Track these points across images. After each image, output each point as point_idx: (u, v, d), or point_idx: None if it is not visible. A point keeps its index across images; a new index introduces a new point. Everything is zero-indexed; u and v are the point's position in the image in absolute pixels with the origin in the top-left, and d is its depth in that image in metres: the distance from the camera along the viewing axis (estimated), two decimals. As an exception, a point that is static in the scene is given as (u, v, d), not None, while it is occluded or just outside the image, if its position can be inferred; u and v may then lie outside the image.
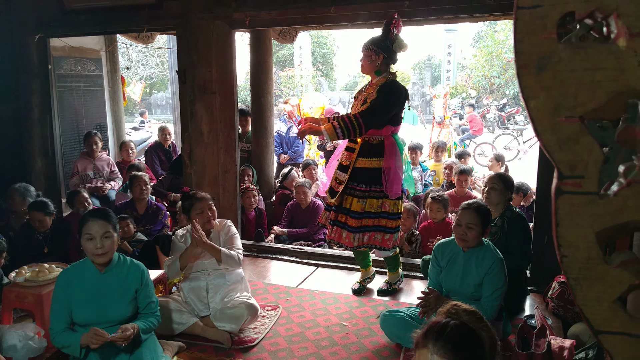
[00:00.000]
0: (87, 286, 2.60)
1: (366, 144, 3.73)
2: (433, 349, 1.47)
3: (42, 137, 5.43)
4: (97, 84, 6.83)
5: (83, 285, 2.60)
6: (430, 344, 1.48)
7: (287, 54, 24.25)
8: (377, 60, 3.66)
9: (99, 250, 2.56)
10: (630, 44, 0.76)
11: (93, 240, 2.55)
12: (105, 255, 2.59)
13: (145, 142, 9.69)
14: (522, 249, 3.58)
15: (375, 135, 3.69)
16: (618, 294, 0.87)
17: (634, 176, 0.81)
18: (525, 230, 3.65)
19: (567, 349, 2.93)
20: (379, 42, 3.65)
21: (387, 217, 3.74)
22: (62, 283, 2.62)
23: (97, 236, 2.55)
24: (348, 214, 3.75)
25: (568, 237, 0.86)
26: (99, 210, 2.73)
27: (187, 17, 4.53)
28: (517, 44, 0.79)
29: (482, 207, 3.03)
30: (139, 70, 20.87)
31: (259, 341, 3.31)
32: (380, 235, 3.75)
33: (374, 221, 3.75)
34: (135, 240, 4.50)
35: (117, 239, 2.65)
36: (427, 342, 1.50)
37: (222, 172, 4.74)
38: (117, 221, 2.69)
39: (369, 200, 3.73)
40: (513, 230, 3.57)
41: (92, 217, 2.60)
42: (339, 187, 3.79)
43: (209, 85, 4.57)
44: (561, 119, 0.80)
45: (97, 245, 2.55)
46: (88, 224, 2.57)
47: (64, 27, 5.12)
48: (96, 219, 2.58)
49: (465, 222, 2.97)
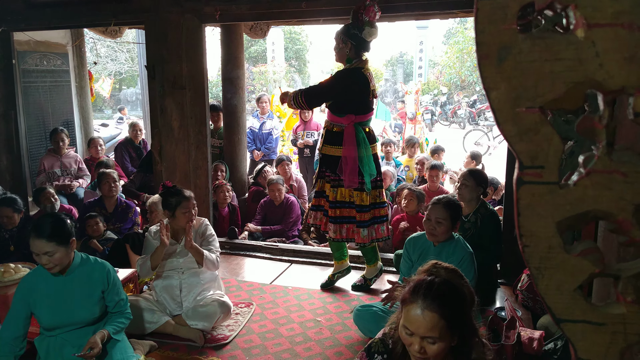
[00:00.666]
0: (49, 290, 2.52)
1: (329, 132, 3.80)
2: (423, 304, 1.56)
3: (6, 133, 5.28)
4: (63, 80, 6.67)
5: (46, 289, 2.52)
6: (420, 299, 1.57)
7: (260, 49, 24.11)
8: (346, 48, 3.67)
9: (47, 266, 2.46)
10: (588, 35, 0.77)
11: (39, 257, 2.44)
12: (56, 267, 2.48)
13: (114, 139, 9.51)
14: (493, 247, 3.63)
15: (337, 122, 3.75)
16: (579, 282, 0.89)
17: (592, 166, 0.83)
18: (498, 228, 3.71)
19: (536, 340, 2.99)
20: (347, 30, 3.65)
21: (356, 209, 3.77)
22: (24, 289, 2.53)
23: (41, 254, 2.43)
24: (327, 199, 3.86)
25: (529, 226, 0.87)
26: (46, 225, 2.45)
27: (155, 11, 4.45)
28: (478, 34, 0.79)
29: (452, 202, 3.07)
30: (108, 66, 20.47)
31: (232, 339, 3.29)
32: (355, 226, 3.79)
33: (349, 212, 3.78)
34: (105, 238, 4.42)
35: (70, 247, 2.50)
36: (415, 298, 1.59)
37: (194, 169, 4.69)
38: (68, 231, 2.49)
39: (340, 189, 3.77)
40: (486, 228, 3.63)
41: (35, 233, 2.42)
42: None
43: (179, 80, 4.51)
44: (522, 110, 0.81)
45: (43, 262, 2.45)
46: (30, 241, 2.43)
47: (28, 20, 4.99)
48: (36, 237, 2.41)
49: (435, 216, 3.01)
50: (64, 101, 6.69)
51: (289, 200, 5.30)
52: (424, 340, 1.56)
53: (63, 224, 2.50)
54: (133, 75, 22.35)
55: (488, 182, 3.87)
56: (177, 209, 3.31)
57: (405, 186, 5.09)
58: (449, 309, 1.55)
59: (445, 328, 1.55)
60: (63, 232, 2.47)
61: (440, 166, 5.46)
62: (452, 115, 19.13)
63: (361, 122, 3.76)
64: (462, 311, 1.60)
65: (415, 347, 1.58)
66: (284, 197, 5.30)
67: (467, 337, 1.62)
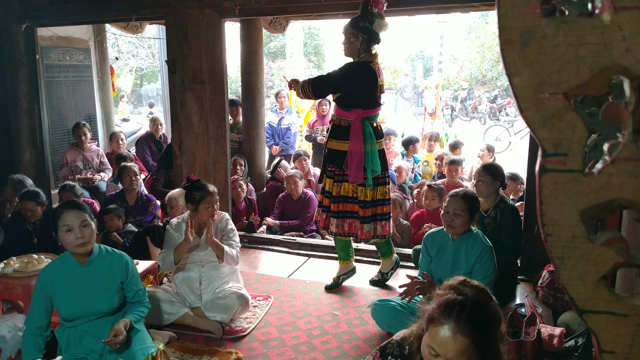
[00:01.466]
0: (69, 281, 2.56)
1: (336, 126, 3.72)
2: (455, 327, 1.47)
3: (30, 127, 5.38)
4: (85, 75, 6.76)
5: (65, 281, 2.55)
6: (453, 322, 1.48)
7: (279, 45, 24.13)
8: (357, 42, 3.59)
9: (80, 240, 2.49)
10: (614, 19, 0.75)
11: (72, 232, 2.48)
12: (87, 244, 2.53)
13: (135, 134, 9.62)
14: (512, 241, 3.59)
15: (344, 117, 3.67)
16: (602, 272, 0.87)
17: (618, 153, 0.81)
18: (517, 222, 3.66)
19: (557, 337, 2.95)
20: (357, 24, 3.57)
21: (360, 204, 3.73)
22: (43, 281, 2.56)
23: (75, 226, 2.48)
24: (330, 197, 3.78)
25: (552, 215, 0.85)
26: (70, 201, 2.66)
27: (176, 6, 4.48)
28: (500, 18, 0.78)
29: (469, 194, 3.04)
30: (129, 62, 20.69)
31: (250, 331, 3.31)
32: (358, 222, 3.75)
33: (352, 207, 3.74)
34: (125, 231, 4.47)
35: (95, 228, 2.58)
36: (446, 319, 1.49)
37: (213, 163, 4.72)
38: (91, 211, 2.61)
39: (343, 185, 3.72)
40: (505, 222, 3.59)
41: (66, 208, 2.52)
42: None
43: (198, 75, 4.53)
44: (545, 96, 0.79)
45: (77, 235, 2.48)
46: (63, 216, 2.49)
47: (51, 16, 5.06)
48: (70, 209, 2.51)
49: (453, 208, 2.99)
50: (86, 96, 6.78)
51: (307, 195, 5.30)
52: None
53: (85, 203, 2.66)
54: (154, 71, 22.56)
55: (504, 174, 3.81)
56: (200, 204, 3.33)
57: (423, 182, 5.06)
58: (480, 334, 1.47)
59: (475, 353, 1.48)
60: (88, 208, 2.59)
61: (459, 161, 5.42)
62: (473, 111, 18.92)
63: (369, 117, 3.69)
64: (493, 335, 1.53)
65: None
66: (302, 191, 5.31)
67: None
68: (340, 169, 3.71)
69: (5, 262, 3.34)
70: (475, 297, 1.55)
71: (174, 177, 5.00)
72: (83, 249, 2.53)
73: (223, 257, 3.36)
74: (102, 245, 2.71)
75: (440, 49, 24.72)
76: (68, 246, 2.53)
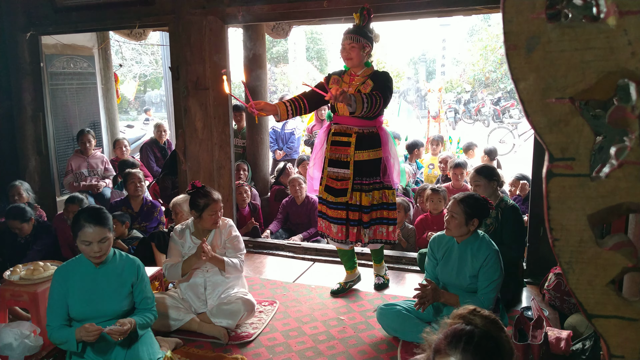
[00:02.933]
0: (82, 281, 2.59)
1: (361, 136, 3.61)
2: (462, 358, 1.39)
3: (35, 135, 5.40)
4: (90, 82, 6.79)
5: (79, 281, 2.59)
6: (459, 354, 1.40)
7: (282, 50, 24.21)
8: (370, 51, 3.62)
9: (97, 254, 2.53)
10: (619, 23, 0.75)
11: (90, 246, 2.51)
12: (103, 256, 2.58)
13: (139, 140, 9.65)
14: (515, 240, 3.59)
15: (368, 126, 3.62)
16: (611, 277, 0.87)
17: (625, 157, 0.81)
18: (519, 221, 3.65)
19: (564, 340, 2.94)
20: (366, 33, 3.58)
21: (387, 209, 3.72)
22: (59, 278, 2.60)
23: (94, 241, 2.50)
24: (361, 210, 3.68)
25: (560, 220, 0.85)
26: (94, 214, 2.56)
27: (179, 13, 4.50)
28: (505, 24, 0.78)
29: (468, 198, 3.02)
30: (133, 68, 20.78)
31: (256, 336, 3.30)
32: (384, 227, 3.72)
33: (376, 213, 3.71)
34: (130, 237, 4.48)
35: (112, 237, 2.62)
36: (452, 351, 1.41)
37: (217, 168, 4.73)
38: (111, 220, 2.64)
39: (373, 193, 3.68)
40: (506, 222, 3.58)
41: (88, 222, 2.50)
42: (342, 184, 3.66)
43: (202, 81, 4.55)
44: (551, 100, 0.79)
45: (94, 249, 2.51)
46: (84, 231, 2.49)
47: (55, 24, 5.09)
48: (91, 225, 2.49)
49: (450, 210, 3.02)
50: (91, 103, 6.82)
51: (311, 200, 5.30)
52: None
53: (106, 211, 2.65)
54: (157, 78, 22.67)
55: (498, 173, 3.83)
56: (204, 211, 3.32)
57: (425, 186, 5.05)
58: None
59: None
60: (109, 218, 2.61)
61: (464, 164, 5.41)
62: (476, 113, 18.91)
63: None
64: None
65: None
66: (305, 195, 5.31)
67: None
68: (370, 178, 3.64)
69: (12, 270, 3.35)
70: (484, 328, 1.46)
71: (179, 183, 5.01)
72: (98, 261, 2.58)
73: (225, 268, 3.37)
74: (117, 250, 2.73)
75: (443, 51, 24.73)
76: (84, 254, 2.58)
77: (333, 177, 3.69)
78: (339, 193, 3.67)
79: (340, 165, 3.66)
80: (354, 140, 3.60)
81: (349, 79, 3.64)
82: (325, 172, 3.75)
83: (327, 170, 3.73)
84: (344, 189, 3.65)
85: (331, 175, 3.70)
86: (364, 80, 3.58)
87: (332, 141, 3.70)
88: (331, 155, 3.70)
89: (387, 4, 3.98)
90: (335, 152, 3.68)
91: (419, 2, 3.98)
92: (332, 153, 3.70)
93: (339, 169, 3.66)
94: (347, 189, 3.64)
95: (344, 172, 3.64)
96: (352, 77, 3.63)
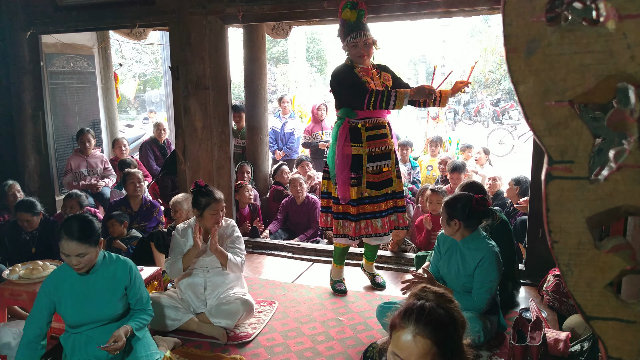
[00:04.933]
0: (74, 287, 2.56)
1: (389, 125, 3.76)
2: (415, 329, 1.49)
3: (34, 134, 5.40)
4: (89, 81, 6.79)
5: (70, 287, 2.56)
6: (412, 325, 1.49)
7: (282, 50, 24.19)
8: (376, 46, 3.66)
9: (75, 267, 2.50)
10: (619, 27, 0.76)
11: (68, 258, 2.47)
12: (84, 268, 2.52)
13: (139, 140, 9.65)
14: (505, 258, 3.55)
15: (379, 116, 3.69)
16: (609, 279, 0.87)
17: (624, 160, 0.81)
18: (509, 239, 3.61)
19: (562, 342, 2.94)
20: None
21: (400, 197, 3.83)
22: (48, 287, 2.57)
23: (72, 255, 2.45)
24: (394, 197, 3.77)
25: (558, 222, 0.85)
26: (76, 228, 2.46)
27: (179, 13, 4.51)
28: (505, 27, 0.78)
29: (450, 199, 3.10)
30: (133, 68, 20.76)
31: (254, 336, 3.30)
32: (395, 215, 3.80)
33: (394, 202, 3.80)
34: (129, 237, 4.48)
35: (99, 247, 2.55)
36: (406, 323, 1.51)
37: (217, 168, 4.73)
38: (98, 232, 2.54)
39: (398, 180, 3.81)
40: (497, 239, 3.54)
41: (67, 235, 2.43)
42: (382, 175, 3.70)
43: (202, 81, 4.55)
44: (550, 103, 0.80)
45: (72, 262, 2.48)
46: (62, 242, 2.44)
47: (55, 24, 5.09)
48: (69, 240, 2.42)
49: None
50: (90, 102, 6.81)
51: (311, 200, 5.30)
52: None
53: (93, 224, 2.53)
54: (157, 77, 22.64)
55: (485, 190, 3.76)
56: (205, 210, 3.33)
57: (426, 187, 5.04)
58: (441, 336, 1.48)
59: (437, 355, 1.47)
60: (93, 233, 2.50)
61: (461, 167, 5.36)
62: (476, 114, 18.91)
63: None
64: (453, 336, 1.53)
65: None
66: (305, 195, 5.31)
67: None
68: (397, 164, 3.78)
69: (11, 269, 3.35)
70: (435, 301, 1.57)
71: (179, 183, 5.01)
72: (79, 272, 2.54)
73: (227, 264, 3.36)
74: (107, 252, 2.70)
75: (443, 52, 24.73)
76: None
77: (375, 171, 3.68)
78: (383, 185, 3.70)
79: (381, 158, 3.68)
80: (388, 130, 3.73)
81: (367, 74, 3.61)
82: (363, 169, 3.66)
83: (365, 167, 3.66)
84: (388, 179, 3.71)
85: (373, 170, 3.68)
86: (379, 74, 3.66)
87: (368, 136, 3.63)
88: (371, 150, 3.65)
89: (388, 5, 3.99)
90: (375, 146, 3.65)
91: (420, 3, 3.99)
92: (372, 148, 3.65)
93: (380, 161, 3.68)
94: (391, 178, 3.71)
95: (386, 163, 3.69)
96: (371, 73, 3.65)
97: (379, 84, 3.61)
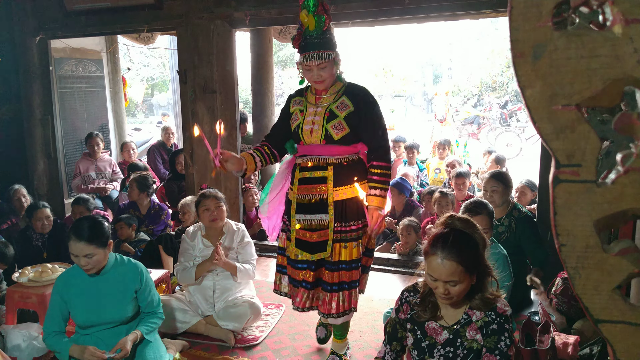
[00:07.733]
0: (84, 289, 2.59)
1: (339, 167, 2.72)
2: (442, 254, 1.81)
3: (44, 138, 5.44)
4: (98, 85, 6.85)
5: (80, 288, 2.59)
6: (439, 250, 1.82)
7: (289, 53, 24.24)
8: (340, 61, 2.75)
9: (85, 268, 2.53)
10: (625, 31, 0.76)
11: (77, 258, 2.51)
12: (93, 269, 2.55)
13: (147, 143, 9.71)
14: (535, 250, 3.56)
15: (350, 153, 2.76)
16: (617, 282, 0.87)
17: (631, 164, 0.81)
18: (535, 230, 3.63)
19: (571, 345, 2.92)
20: (332, 41, 2.70)
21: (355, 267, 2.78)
22: (60, 286, 2.61)
23: (80, 256, 2.49)
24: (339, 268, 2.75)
25: (566, 226, 0.85)
26: (84, 229, 2.48)
27: (187, 17, 4.54)
28: (512, 32, 0.79)
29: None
30: (141, 72, 20.89)
31: (262, 339, 3.31)
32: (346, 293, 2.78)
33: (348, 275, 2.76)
34: (137, 240, 4.51)
35: (107, 249, 2.58)
36: (435, 249, 1.83)
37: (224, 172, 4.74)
38: (107, 233, 2.57)
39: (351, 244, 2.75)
40: (524, 232, 3.56)
41: (75, 236, 2.47)
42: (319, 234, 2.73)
43: (209, 84, 4.58)
44: (558, 107, 0.80)
45: (81, 263, 2.51)
46: (70, 243, 2.49)
47: (64, 28, 5.14)
48: (77, 240, 2.46)
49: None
50: (99, 106, 6.87)
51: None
52: (447, 284, 1.82)
53: (102, 226, 2.57)
54: (165, 81, 22.75)
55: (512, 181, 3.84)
56: (198, 208, 3.46)
57: (434, 189, 5.02)
58: (464, 255, 1.80)
59: (464, 272, 1.80)
60: (102, 234, 2.54)
61: (466, 174, 5.31)
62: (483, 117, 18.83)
63: None
64: (476, 255, 1.85)
65: (440, 290, 1.85)
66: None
67: (483, 275, 1.89)
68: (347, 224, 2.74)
69: (20, 272, 3.38)
70: (459, 228, 1.88)
71: (186, 186, 5.04)
72: (89, 273, 2.58)
73: (237, 274, 3.39)
74: (118, 255, 2.73)
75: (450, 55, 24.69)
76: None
77: (306, 226, 2.77)
78: (316, 248, 2.73)
79: (315, 210, 2.73)
80: (331, 174, 2.71)
81: (314, 100, 2.77)
82: (292, 221, 2.79)
83: (294, 219, 2.78)
84: (322, 242, 2.72)
85: (303, 224, 2.77)
86: (336, 99, 2.72)
87: (301, 179, 2.77)
88: (300, 197, 2.77)
89: (396, 8, 4.00)
90: (306, 192, 2.75)
91: (427, 6, 3.99)
92: (301, 194, 2.76)
93: (314, 214, 2.74)
94: (326, 240, 2.71)
95: (321, 218, 2.72)
96: (318, 97, 2.77)
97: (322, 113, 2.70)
